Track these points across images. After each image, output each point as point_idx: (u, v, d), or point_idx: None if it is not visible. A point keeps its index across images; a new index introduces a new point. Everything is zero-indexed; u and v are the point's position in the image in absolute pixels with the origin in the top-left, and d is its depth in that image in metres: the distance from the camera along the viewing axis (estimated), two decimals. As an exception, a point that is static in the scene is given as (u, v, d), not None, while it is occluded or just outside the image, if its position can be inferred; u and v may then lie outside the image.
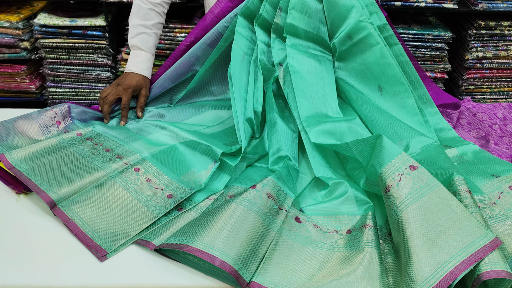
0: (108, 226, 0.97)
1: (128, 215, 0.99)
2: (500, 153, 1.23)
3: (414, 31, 1.93)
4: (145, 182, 1.07)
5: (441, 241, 0.82)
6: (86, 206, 1.00)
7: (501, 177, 1.11)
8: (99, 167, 1.10)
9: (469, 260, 0.79)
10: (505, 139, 1.25)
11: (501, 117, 1.32)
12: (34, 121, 1.22)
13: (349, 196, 1.07)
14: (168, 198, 1.04)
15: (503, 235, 0.93)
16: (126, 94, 1.34)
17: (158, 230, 0.97)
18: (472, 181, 1.10)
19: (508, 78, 2.03)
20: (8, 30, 1.95)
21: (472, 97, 2.02)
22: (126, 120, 1.33)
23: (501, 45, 1.97)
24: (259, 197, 0.99)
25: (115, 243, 0.93)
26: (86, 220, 0.97)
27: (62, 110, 1.27)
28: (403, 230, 0.85)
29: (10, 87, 2.06)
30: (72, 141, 1.18)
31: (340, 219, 1.02)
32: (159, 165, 1.12)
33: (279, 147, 1.18)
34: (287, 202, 1.04)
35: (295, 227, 1.00)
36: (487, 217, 0.98)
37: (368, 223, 0.99)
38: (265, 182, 1.03)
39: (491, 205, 1.02)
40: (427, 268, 0.80)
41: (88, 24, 1.95)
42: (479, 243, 0.81)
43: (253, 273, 0.87)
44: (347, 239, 0.97)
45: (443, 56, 1.98)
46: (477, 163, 1.18)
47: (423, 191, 0.88)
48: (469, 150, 1.22)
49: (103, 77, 2.08)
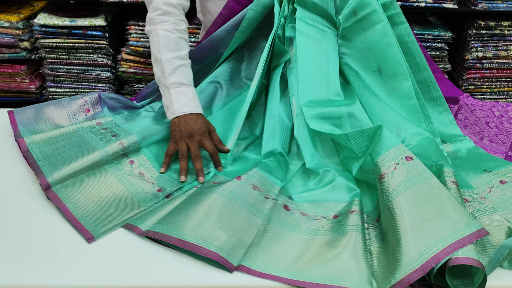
0: (97, 211, 1.00)
1: (117, 203, 1.02)
2: (494, 150, 1.24)
3: (414, 31, 1.93)
4: (138, 175, 1.10)
5: (429, 227, 0.86)
6: (79, 191, 1.04)
7: (492, 172, 1.13)
8: (96, 147, 1.12)
9: (454, 246, 0.83)
10: (500, 137, 1.26)
11: (498, 115, 1.33)
12: (63, 108, 1.24)
13: (337, 183, 1.09)
14: (158, 192, 1.06)
15: (489, 227, 0.96)
16: (207, 140, 1.16)
17: (146, 215, 1.00)
18: (463, 176, 1.12)
19: (508, 78, 2.03)
20: (8, 30, 1.95)
21: (472, 97, 2.03)
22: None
23: (501, 45, 1.97)
24: (243, 190, 1.02)
25: (101, 228, 0.96)
26: (76, 204, 1.01)
27: (92, 99, 1.27)
28: (394, 215, 0.89)
29: (10, 87, 2.06)
30: (89, 129, 1.20)
31: (327, 205, 1.05)
32: (152, 160, 1.14)
33: (273, 142, 1.18)
34: (274, 191, 1.06)
35: (284, 214, 1.02)
36: (475, 210, 1.01)
37: (354, 208, 1.01)
38: (250, 174, 1.06)
39: (480, 199, 1.04)
40: (414, 250, 0.83)
41: (88, 24, 1.95)
42: (465, 231, 0.84)
43: (241, 258, 0.91)
44: (333, 224, 1.00)
45: (443, 56, 1.98)
46: (470, 159, 1.20)
47: (416, 180, 0.92)
48: (463, 147, 1.24)
49: (103, 77, 2.08)
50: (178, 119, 1.18)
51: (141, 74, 2.08)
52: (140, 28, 2.00)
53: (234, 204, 0.98)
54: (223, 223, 0.94)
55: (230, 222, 0.95)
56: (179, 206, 0.99)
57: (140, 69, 2.07)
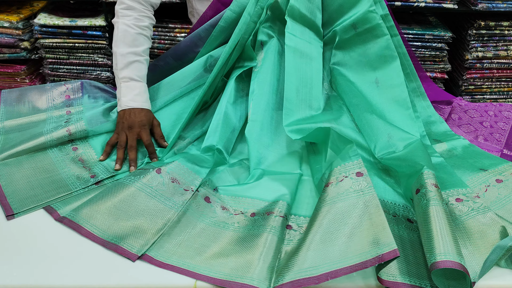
0: (26, 190, 1.05)
1: (47, 185, 1.07)
2: (490, 149, 1.24)
3: (414, 31, 1.93)
4: (78, 161, 1.15)
5: (342, 243, 0.87)
6: (16, 170, 1.09)
7: (488, 170, 1.14)
8: (43, 132, 1.18)
9: (355, 267, 0.84)
10: (495, 135, 1.27)
11: (492, 114, 1.34)
12: (45, 93, 1.32)
13: (262, 181, 1.11)
14: (91, 177, 1.11)
15: (484, 226, 0.96)
16: (145, 132, 1.22)
17: (69, 200, 1.05)
18: (459, 175, 1.12)
19: (508, 78, 2.03)
20: (8, 30, 1.95)
21: (472, 97, 2.02)
22: (156, 158, 1.23)
23: (501, 45, 1.97)
24: (160, 182, 1.05)
25: (23, 207, 1.01)
26: (9, 181, 1.06)
27: (74, 86, 1.34)
28: (314, 222, 0.91)
29: (10, 87, 2.05)
30: (56, 118, 1.26)
31: (249, 202, 1.07)
32: (97, 149, 1.19)
33: (213, 138, 1.21)
34: (195, 183, 1.09)
35: (202, 206, 1.05)
36: (469, 209, 1.01)
37: (275, 211, 1.01)
38: (171, 167, 1.09)
39: (474, 198, 1.05)
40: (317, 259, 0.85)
41: (88, 24, 1.95)
42: (375, 252, 0.85)
43: (145, 247, 0.93)
44: (248, 222, 1.00)
45: (443, 56, 1.98)
46: (466, 157, 1.20)
47: (354, 195, 0.93)
48: (458, 144, 1.25)
49: (103, 77, 2.08)
50: (123, 111, 1.24)
51: (141, 74, 2.08)
52: (140, 28, 2.00)
53: (141, 194, 1.01)
54: (135, 217, 0.98)
55: (142, 217, 0.98)
56: (98, 196, 1.03)
57: (140, 69, 2.07)
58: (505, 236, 0.92)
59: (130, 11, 1.26)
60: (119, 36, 1.26)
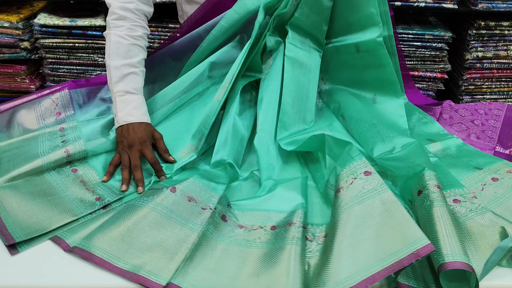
0: (26, 218, 0.94)
1: (49, 210, 0.97)
2: (482, 146, 1.24)
3: (414, 31, 1.93)
4: (79, 183, 1.05)
5: (372, 245, 0.84)
6: (13, 196, 0.98)
7: (483, 169, 1.13)
8: (40, 154, 1.08)
9: (392, 267, 0.80)
10: (487, 133, 1.27)
11: (482, 113, 1.35)
12: (33, 111, 1.20)
13: (276, 192, 1.06)
14: (96, 200, 1.02)
15: (483, 227, 0.95)
16: (148, 149, 1.14)
17: (77, 227, 0.95)
18: (454, 175, 1.12)
19: (508, 78, 2.03)
20: (8, 30, 1.95)
21: (472, 97, 2.02)
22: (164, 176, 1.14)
23: (501, 45, 1.97)
24: (178, 203, 0.97)
25: (27, 236, 0.91)
26: (8, 209, 0.96)
27: (63, 99, 1.21)
28: (336, 229, 0.87)
29: (10, 87, 2.06)
30: (49, 135, 1.16)
31: (266, 215, 1.01)
32: (98, 170, 1.10)
33: (223, 152, 1.15)
34: (213, 200, 1.01)
35: (220, 225, 0.98)
36: (467, 210, 1.00)
37: (294, 220, 0.97)
38: (186, 184, 1.01)
39: (471, 198, 1.04)
40: (351, 268, 0.81)
41: (88, 24, 1.95)
42: (408, 249, 0.81)
43: (169, 274, 0.85)
44: (270, 236, 0.96)
45: (443, 56, 1.98)
46: (460, 156, 1.20)
47: (369, 195, 0.90)
48: (452, 144, 1.24)
49: (103, 77, 2.08)
50: (121, 128, 1.16)
51: (141, 74, 2.08)
52: (140, 28, 1.99)
53: (156, 215, 0.93)
54: (153, 241, 0.89)
55: (160, 241, 0.90)
56: (109, 220, 0.94)
57: (140, 69, 2.06)
58: (504, 236, 0.92)
59: (122, 21, 1.19)
60: (112, 48, 1.18)
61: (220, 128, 1.20)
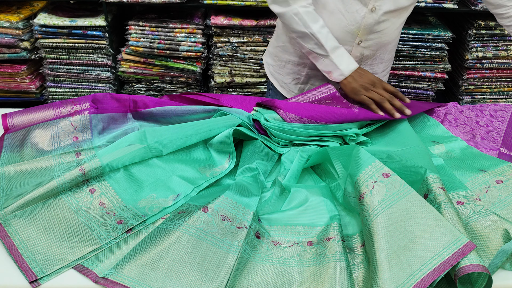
0: (45, 248, 0.89)
1: (69, 239, 0.90)
2: (487, 147, 1.24)
3: (414, 31, 1.93)
4: (98, 206, 0.99)
5: (413, 249, 0.83)
6: (29, 223, 0.92)
7: (488, 171, 1.13)
8: (55, 176, 1.01)
9: (440, 268, 0.79)
10: (491, 134, 1.26)
11: (488, 114, 1.34)
12: (49, 131, 1.13)
13: (310, 205, 1.02)
14: (118, 224, 0.96)
15: (486, 229, 0.95)
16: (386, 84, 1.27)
17: (102, 254, 0.89)
18: (458, 177, 1.11)
19: (508, 78, 2.03)
20: (8, 30, 1.95)
21: (472, 97, 2.03)
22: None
23: (501, 45, 1.97)
24: (211, 223, 0.91)
25: (48, 268, 0.86)
26: (24, 239, 0.90)
27: (83, 122, 1.16)
28: (373, 240, 0.85)
29: (10, 87, 2.06)
30: (66, 164, 1.09)
31: (300, 230, 0.97)
32: (116, 188, 1.03)
33: (250, 161, 1.10)
34: (247, 218, 0.95)
35: (255, 244, 0.93)
36: (471, 212, 0.99)
37: (331, 234, 0.93)
38: (218, 203, 0.95)
39: (475, 200, 1.03)
40: (399, 276, 0.79)
41: (88, 24, 1.95)
42: (451, 249, 0.81)
43: None
44: (311, 253, 0.92)
45: (443, 56, 1.98)
46: (464, 159, 1.19)
47: (396, 198, 0.89)
48: (456, 146, 1.24)
49: (103, 77, 2.08)
50: (351, 77, 1.28)
51: (141, 74, 2.08)
52: (140, 28, 1.99)
53: (189, 239, 0.87)
54: (189, 267, 0.84)
55: (197, 266, 0.85)
56: (139, 247, 0.87)
57: (140, 69, 2.06)
58: (508, 239, 0.92)
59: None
60: (306, 18, 1.30)
61: (243, 146, 1.16)
